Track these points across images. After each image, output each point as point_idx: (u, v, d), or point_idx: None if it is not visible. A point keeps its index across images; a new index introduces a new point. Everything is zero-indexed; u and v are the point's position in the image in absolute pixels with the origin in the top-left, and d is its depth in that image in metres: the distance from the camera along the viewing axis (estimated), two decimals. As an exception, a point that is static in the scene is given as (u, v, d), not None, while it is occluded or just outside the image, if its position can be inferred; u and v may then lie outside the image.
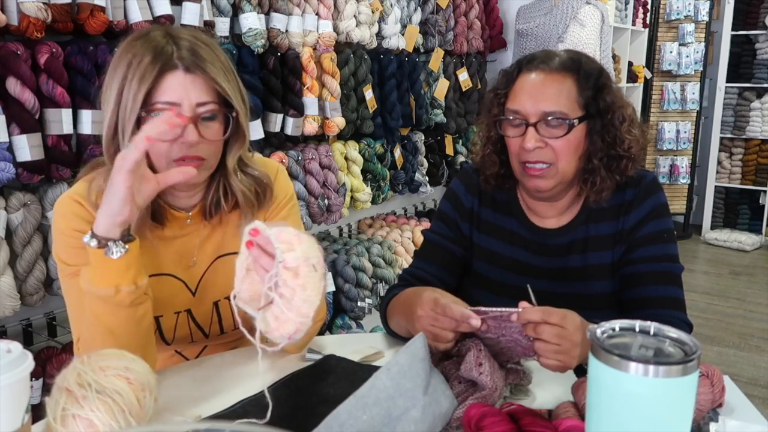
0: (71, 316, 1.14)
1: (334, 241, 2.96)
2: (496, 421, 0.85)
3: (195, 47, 1.09)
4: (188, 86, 1.07)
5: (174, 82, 1.06)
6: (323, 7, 2.59)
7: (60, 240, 1.12)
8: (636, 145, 1.28)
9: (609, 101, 1.27)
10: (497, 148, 1.35)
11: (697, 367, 0.65)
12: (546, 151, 1.24)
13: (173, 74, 1.06)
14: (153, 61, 1.05)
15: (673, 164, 5.53)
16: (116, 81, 1.07)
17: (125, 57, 1.08)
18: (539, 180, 1.26)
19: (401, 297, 1.26)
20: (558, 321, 0.96)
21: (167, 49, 1.07)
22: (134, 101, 1.05)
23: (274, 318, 0.86)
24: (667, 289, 1.27)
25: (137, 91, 1.05)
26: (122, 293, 1.01)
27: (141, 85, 1.05)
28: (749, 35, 5.47)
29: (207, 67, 1.08)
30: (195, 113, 1.07)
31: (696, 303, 4.12)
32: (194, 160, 1.09)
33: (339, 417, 0.81)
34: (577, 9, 3.53)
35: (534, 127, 1.23)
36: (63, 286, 1.14)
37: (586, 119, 1.26)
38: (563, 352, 0.96)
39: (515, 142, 1.27)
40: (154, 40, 1.08)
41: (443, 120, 3.36)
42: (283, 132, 2.51)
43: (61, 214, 1.13)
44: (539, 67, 1.26)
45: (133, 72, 1.05)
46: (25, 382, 0.73)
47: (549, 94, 1.24)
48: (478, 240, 1.41)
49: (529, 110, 1.24)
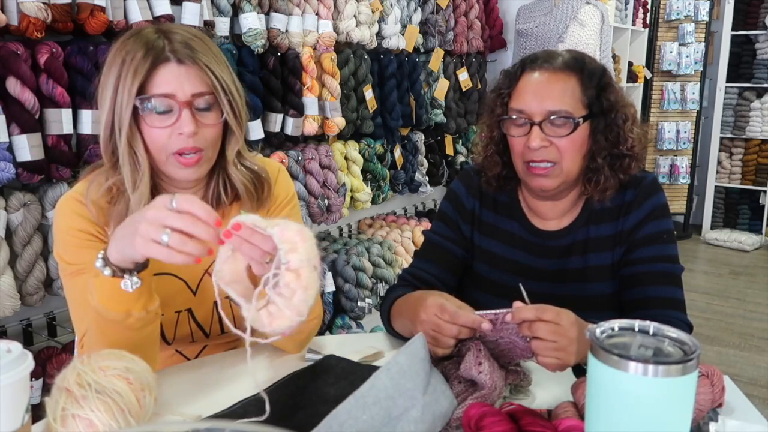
0: (74, 314, 1.14)
1: (334, 241, 2.96)
2: (496, 421, 0.85)
3: (187, 40, 1.10)
4: (182, 77, 1.08)
5: (167, 74, 1.07)
6: (323, 7, 2.60)
7: (61, 239, 1.12)
8: (639, 144, 1.29)
9: (612, 100, 1.27)
10: (500, 149, 1.35)
11: (696, 366, 0.66)
12: (551, 150, 1.24)
13: (166, 66, 1.07)
14: (145, 55, 1.06)
15: (673, 164, 5.53)
16: (111, 79, 1.08)
17: (119, 55, 1.09)
18: (543, 179, 1.26)
19: (408, 299, 1.25)
20: (552, 318, 0.97)
21: (158, 43, 1.08)
22: (129, 95, 1.06)
23: (268, 314, 0.85)
24: (668, 289, 1.27)
25: (131, 85, 1.06)
26: (133, 318, 0.98)
27: (134, 79, 1.05)
28: (749, 35, 5.47)
29: (199, 57, 1.09)
30: (191, 104, 1.08)
31: (696, 303, 4.12)
32: (193, 152, 1.10)
33: (339, 417, 0.81)
34: (577, 9, 3.53)
35: (539, 127, 1.23)
36: (65, 285, 1.14)
37: (589, 118, 1.26)
38: (560, 348, 0.96)
39: (519, 142, 1.27)
40: (146, 37, 1.09)
41: (443, 120, 3.36)
42: (283, 132, 2.51)
43: (62, 213, 1.13)
44: (543, 67, 1.27)
45: (126, 68, 1.06)
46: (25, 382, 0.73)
47: (553, 93, 1.24)
48: (479, 242, 1.41)
49: (534, 109, 1.24)
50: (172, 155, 1.10)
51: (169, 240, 0.83)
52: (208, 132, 1.12)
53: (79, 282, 1.09)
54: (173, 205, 0.85)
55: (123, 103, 1.07)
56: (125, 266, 0.94)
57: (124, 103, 1.07)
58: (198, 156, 1.11)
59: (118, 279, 0.95)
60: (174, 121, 1.08)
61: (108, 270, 0.95)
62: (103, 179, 1.13)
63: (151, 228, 0.85)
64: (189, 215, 0.84)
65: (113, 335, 0.99)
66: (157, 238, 0.84)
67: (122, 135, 1.08)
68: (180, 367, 1.20)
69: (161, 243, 0.84)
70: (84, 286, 1.09)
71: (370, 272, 2.79)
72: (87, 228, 1.12)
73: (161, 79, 1.07)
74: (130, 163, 1.10)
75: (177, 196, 0.86)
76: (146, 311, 0.99)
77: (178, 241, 0.83)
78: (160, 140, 1.08)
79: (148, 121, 1.09)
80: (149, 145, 1.10)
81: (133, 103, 1.06)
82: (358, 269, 2.74)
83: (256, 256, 0.86)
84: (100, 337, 1.01)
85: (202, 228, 0.84)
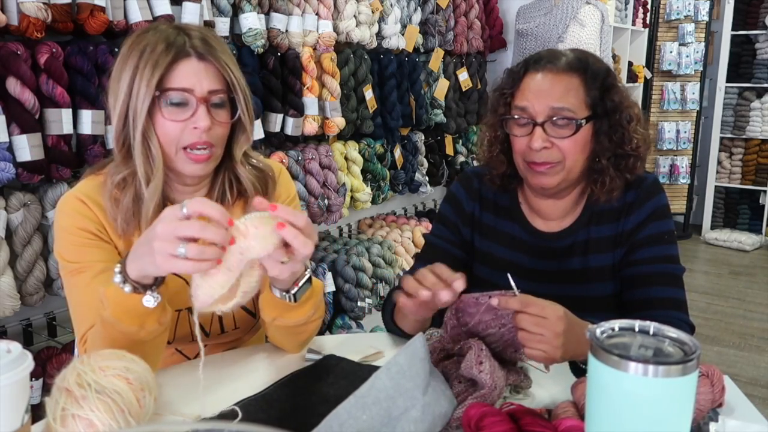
0: (75, 313, 1.13)
1: (334, 241, 2.96)
2: (496, 421, 0.85)
3: (205, 38, 1.12)
4: (201, 73, 1.10)
5: (188, 69, 1.09)
6: (323, 7, 2.59)
7: (62, 238, 1.12)
8: (643, 144, 1.29)
9: (617, 101, 1.27)
10: (504, 148, 1.34)
11: (696, 366, 0.65)
12: (553, 151, 1.24)
13: (187, 61, 1.09)
14: (167, 49, 1.08)
15: (673, 164, 5.53)
16: (128, 70, 1.08)
17: (136, 48, 1.09)
18: (544, 177, 1.26)
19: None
20: (537, 311, 0.97)
21: (180, 39, 1.09)
22: (148, 87, 1.07)
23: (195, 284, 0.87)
24: (669, 290, 1.26)
25: (150, 77, 1.06)
26: (146, 331, 0.98)
27: (155, 70, 1.06)
28: (749, 35, 5.47)
29: (219, 55, 1.11)
30: (207, 100, 1.10)
31: (696, 303, 4.12)
32: (204, 147, 1.11)
33: (339, 417, 0.81)
34: (577, 9, 3.53)
35: (541, 127, 1.23)
36: (65, 284, 1.14)
37: (592, 119, 1.26)
38: (545, 341, 0.96)
39: (521, 141, 1.27)
40: (165, 32, 1.10)
41: (443, 120, 3.36)
42: (283, 132, 2.51)
43: (64, 212, 1.13)
44: (546, 67, 1.26)
45: (145, 60, 1.07)
46: (25, 382, 0.73)
47: (556, 94, 1.23)
48: (480, 244, 1.41)
49: (537, 109, 1.24)
50: (182, 150, 1.11)
51: (187, 252, 0.83)
52: (220, 129, 1.13)
53: (79, 281, 1.09)
54: (184, 211, 0.85)
55: (141, 94, 1.07)
56: (146, 282, 0.94)
57: (142, 94, 1.07)
58: (210, 152, 1.13)
59: (139, 295, 0.94)
60: (189, 116, 1.09)
61: (128, 287, 0.94)
62: (116, 173, 1.13)
63: (166, 243, 0.84)
64: (197, 221, 0.84)
65: (121, 343, 0.98)
66: (174, 252, 0.84)
67: (138, 126, 1.08)
68: (180, 367, 1.20)
69: (179, 256, 0.84)
70: (84, 285, 1.09)
71: (370, 272, 2.79)
72: (88, 227, 1.12)
73: (181, 74, 1.08)
74: (144, 154, 1.11)
75: (187, 202, 0.86)
76: (159, 324, 0.99)
77: (196, 252, 0.83)
78: (173, 133, 1.10)
79: (165, 114, 1.09)
80: (161, 138, 1.11)
81: (152, 94, 1.07)
82: (358, 269, 2.74)
83: None
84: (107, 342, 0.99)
85: (212, 231, 0.84)
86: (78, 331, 1.13)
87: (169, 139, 1.10)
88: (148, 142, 1.10)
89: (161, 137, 1.10)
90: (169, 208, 0.87)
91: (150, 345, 1.02)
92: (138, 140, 1.09)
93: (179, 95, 1.09)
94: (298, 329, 1.13)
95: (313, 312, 1.11)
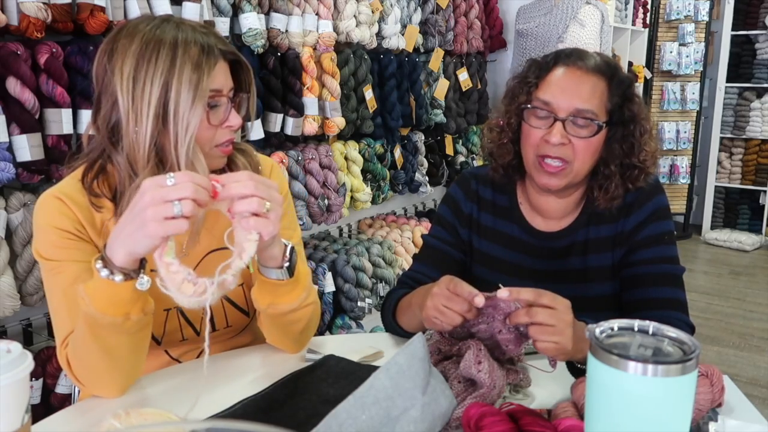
0: (55, 315, 1.11)
1: (334, 241, 2.96)
2: (496, 421, 0.86)
3: (217, 35, 1.14)
4: (226, 73, 1.13)
5: (218, 71, 1.10)
6: (323, 7, 2.60)
7: (41, 237, 1.10)
8: (650, 159, 1.29)
9: (635, 111, 1.28)
10: (515, 137, 1.33)
11: (695, 366, 0.66)
12: (567, 148, 1.24)
13: (221, 63, 1.11)
14: (206, 52, 1.08)
15: (673, 164, 5.53)
16: (155, 72, 1.04)
17: (164, 42, 1.06)
18: (551, 177, 1.26)
19: (417, 291, 1.25)
20: (549, 302, 0.97)
21: (209, 40, 1.10)
22: (197, 90, 1.05)
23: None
24: (669, 290, 1.27)
25: (198, 81, 1.06)
26: (131, 321, 0.97)
27: (201, 74, 1.06)
28: (749, 35, 5.47)
29: (240, 57, 1.16)
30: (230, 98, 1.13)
31: (696, 303, 4.12)
32: (230, 143, 1.16)
33: (338, 417, 0.81)
34: (577, 9, 3.53)
35: (562, 123, 1.23)
36: (46, 284, 1.11)
37: (609, 125, 1.26)
38: (558, 333, 0.96)
39: (536, 134, 1.26)
40: (185, 31, 1.08)
41: (443, 120, 3.36)
42: (283, 132, 2.51)
43: (43, 210, 1.10)
44: (576, 64, 1.26)
45: (182, 59, 1.05)
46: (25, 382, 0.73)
47: (583, 92, 1.24)
48: (479, 245, 1.41)
49: (561, 104, 1.24)
50: (215, 147, 1.14)
51: (183, 209, 0.85)
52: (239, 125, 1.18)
53: (59, 282, 1.08)
54: (172, 181, 0.87)
55: (187, 97, 1.05)
56: (132, 267, 0.94)
57: (189, 97, 1.05)
58: (231, 146, 1.17)
59: (131, 282, 0.94)
60: (224, 117, 1.12)
61: (119, 276, 0.93)
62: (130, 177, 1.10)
63: (159, 208, 0.86)
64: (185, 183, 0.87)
65: (107, 340, 0.98)
66: (169, 213, 0.85)
67: (189, 129, 1.06)
68: (179, 367, 1.20)
69: (176, 216, 0.85)
70: (64, 288, 1.07)
71: (370, 272, 2.79)
72: (66, 226, 1.09)
73: (216, 75, 1.09)
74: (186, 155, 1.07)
75: (172, 174, 0.88)
76: (144, 313, 0.99)
77: (190, 207, 0.86)
78: (208, 134, 1.11)
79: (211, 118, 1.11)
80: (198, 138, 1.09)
81: (205, 99, 1.07)
82: (358, 269, 2.74)
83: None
84: (91, 342, 0.99)
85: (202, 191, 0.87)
86: (59, 336, 1.10)
87: (204, 139, 1.11)
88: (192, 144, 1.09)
89: (199, 138, 1.09)
90: (150, 179, 0.88)
91: (134, 340, 1.01)
92: (186, 142, 1.06)
93: (216, 98, 1.11)
94: (293, 317, 1.13)
95: (306, 295, 1.12)
